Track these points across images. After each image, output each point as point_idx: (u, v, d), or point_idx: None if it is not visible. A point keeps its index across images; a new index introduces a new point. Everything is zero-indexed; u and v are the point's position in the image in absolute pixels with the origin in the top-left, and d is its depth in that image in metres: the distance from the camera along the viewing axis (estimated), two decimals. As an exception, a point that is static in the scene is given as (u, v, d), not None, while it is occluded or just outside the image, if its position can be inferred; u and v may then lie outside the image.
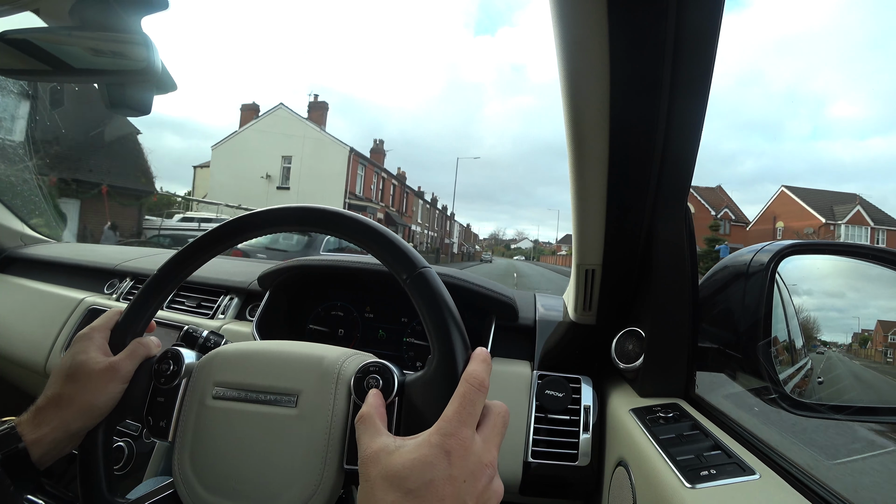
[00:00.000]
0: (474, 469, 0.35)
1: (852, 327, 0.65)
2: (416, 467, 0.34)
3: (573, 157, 0.59)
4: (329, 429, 0.43)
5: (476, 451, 0.36)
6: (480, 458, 0.36)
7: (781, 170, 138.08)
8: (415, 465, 0.34)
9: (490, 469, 0.37)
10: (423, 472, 0.34)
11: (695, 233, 0.67)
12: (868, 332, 0.64)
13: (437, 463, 0.34)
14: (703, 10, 0.44)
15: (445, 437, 0.36)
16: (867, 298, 0.68)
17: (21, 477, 0.44)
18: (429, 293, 0.43)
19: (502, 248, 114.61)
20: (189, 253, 0.53)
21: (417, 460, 0.35)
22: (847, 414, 0.60)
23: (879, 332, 0.63)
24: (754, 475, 0.48)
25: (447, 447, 0.35)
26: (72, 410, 0.46)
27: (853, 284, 0.70)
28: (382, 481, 0.35)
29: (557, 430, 0.77)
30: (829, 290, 0.70)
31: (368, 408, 0.41)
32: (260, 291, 1.03)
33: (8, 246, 1.49)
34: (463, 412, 0.37)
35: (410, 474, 0.34)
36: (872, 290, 0.68)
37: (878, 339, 0.62)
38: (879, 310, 0.65)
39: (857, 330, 0.64)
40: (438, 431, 0.36)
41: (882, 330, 0.62)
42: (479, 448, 0.37)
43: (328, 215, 0.49)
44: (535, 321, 0.92)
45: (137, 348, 0.51)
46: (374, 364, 0.46)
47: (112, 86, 0.50)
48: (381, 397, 0.42)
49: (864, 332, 0.64)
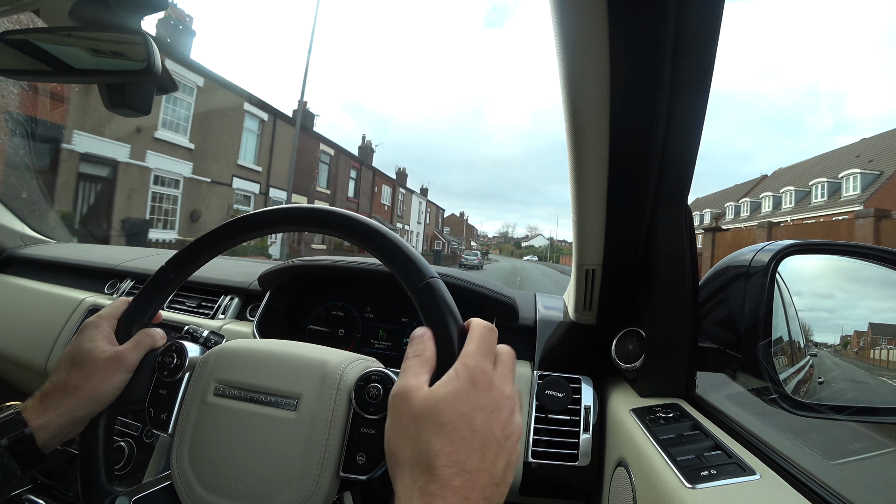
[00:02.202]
0: (498, 400, 0.38)
1: (842, 328, 0.65)
2: (448, 402, 0.36)
3: (573, 157, 0.59)
4: (327, 435, 0.43)
5: (497, 384, 0.38)
6: (502, 391, 0.38)
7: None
8: (446, 400, 0.36)
9: (511, 401, 0.39)
10: (456, 405, 0.36)
11: (695, 232, 0.67)
12: (858, 335, 0.64)
13: (467, 395, 0.36)
14: (703, 10, 0.44)
15: (471, 370, 0.38)
16: (857, 299, 0.68)
17: (26, 461, 0.45)
18: (434, 302, 0.43)
19: (511, 247, 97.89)
20: (196, 248, 0.53)
21: (448, 395, 0.36)
22: (847, 414, 0.60)
23: (868, 334, 0.63)
24: (754, 475, 0.48)
25: (473, 379, 0.37)
26: (77, 397, 0.47)
27: (842, 286, 0.70)
28: (415, 419, 0.36)
29: (557, 431, 0.77)
30: (819, 291, 0.70)
31: (424, 348, 0.41)
32: (260, 291, 1.03)
33: (8, 246, 1.49)
34: (482, 347, 0.39)
35: (443, 409, 0.35)
36: (861, 292, 0.69)
37: (867, 341, 0.63)
38: (869, 310, 0.65)
39: (849, 332, 0.64)
40: (464, 366, 0.38)
41: (871, 332, 0.63)
42: (499, 381, 0.39)
43: (337, 217, 0.49)
44: (536, 321, 0.92)
45: (143, 339, 0.51)
46: (377, 372, 0.46)
47: (112, 86, 0.50)
48: (433, 338, 0.42)
49: (859, 332, 0.64)
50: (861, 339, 0.63)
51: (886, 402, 0.66)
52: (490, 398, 0.37)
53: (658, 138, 0.55)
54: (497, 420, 0.37)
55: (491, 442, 0.35)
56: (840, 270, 0.70)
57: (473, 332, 0.41)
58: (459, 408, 0.36)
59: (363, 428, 0.44)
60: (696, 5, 0.43)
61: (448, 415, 0.35)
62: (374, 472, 0.43)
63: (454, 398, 0.36)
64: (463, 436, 0.35)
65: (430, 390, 0.37)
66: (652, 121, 0.53)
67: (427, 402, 0.36)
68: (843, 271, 0.70)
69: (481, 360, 0.39)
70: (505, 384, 0.39)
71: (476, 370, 0.38)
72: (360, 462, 0.43)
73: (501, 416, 0.37)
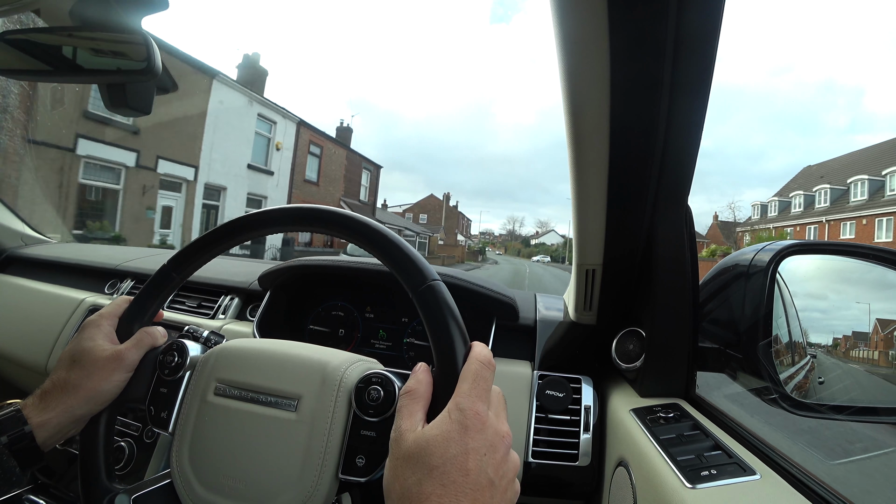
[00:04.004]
0: (492, 441, 0.37)
1: (836, 329, 0.65)
2: (438, 444, 0.35)
3: (573, 157, 0.59)
4: (327, 436, 0.43)
5: (491, 423, 0.38)
6: (497, 430, 0.38)
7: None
8: (437, 442, 0.36)
9: (507, 439, 0.38)
10: (446, 449, 0.35)
11: (695, 232, 0.67)
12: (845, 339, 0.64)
13: (457, 438, 0.36)
14: (703, 10, 0.44)
15: (462, 413, 0.37)
16: (850, 300, 0.69)
17: (26, 459, 0.45)
18: (436, 306, 0.42)
19: (518, 245, 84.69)
20: (198, 247, 0.53)
21: (438, 437, 0.36)
22: (847, 414, 0.60)
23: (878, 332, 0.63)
24: (755, 475, 0.48)
25: (465, 422, 0.37)
26: (77, 396, 0.47)
27: (835, 287, 0.70)
28: (407, 461, 0.36)
29: (558, 431, 0.77)
30: (812, 292, 0.70)
31: (417, 384, 0.41)
32: (260, 291, 1.03)
33: (8, 246, 1.49)
34: (476, 388, 0.39)
35: (434, 451, 0.35)
36: (854, 293, 0.69)
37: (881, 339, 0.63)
38: (862, 311, 0.65)
39: (844, 333, 0.65)
40: (456, 408, 0.38)
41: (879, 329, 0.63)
42: (494, 421, 0.38)
43: (337, 217, 0.49)
44: (536, 321, 0.92)
45: (144, 338, 0.51)
46: (377, 374, 0.46)
47: (112, 86, 0.50)
48: (429, 373, 0.42)
49: (854, 334, 0.64)
50: (847, 342, 0.63)
51: (886, 402, 0.66)
52: (483, 440, 0.36)
53: (658, 138, 0.55)
54: (491, 461, 0.36)
55: (484, 486, 0.35)
56: (833, 272, 0.70)
57: (469, 368, 0.40)
58: (451, 450, 0.35)
59: (363, 430, 0.44)
60: (696, 5, 0.43)
61: (439, 457, 0.35)
62: (373, 474, 0.43)
63: (445, 441, 0.35)
64: (454, 479, 0.34)
65: (421, 432, 0.37)
66: (652, 121, 0.53)
67: (418, 443, 0.36)
68: (836, 272, 0.70)
69: (475, 401, 0.38)
70: (500, 423, 0.39)
71: (469, 411, 0.37)
72: (359, 464, 0.43)
73: (496, 456, 0.37)
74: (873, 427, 1.26)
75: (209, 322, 1.06)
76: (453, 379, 0.40)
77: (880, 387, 0.63)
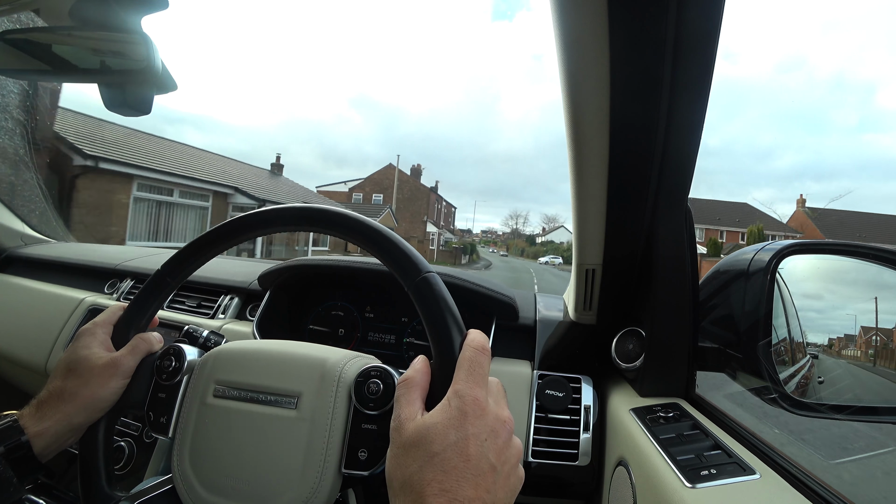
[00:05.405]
0: (493, 426, 0.37)
1: (833, 329, 0.65)
2: (438, 431, 0.36)
3: (573, 157, 0.59)
4: (328, 432, 0.43)
5: (491, 409, 0.38)
6: (498, 416, 0.38)
7: (824, 165, 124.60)
8: (437, 429, 0.36)
9: (508, 424, 0.38)
10: (446, 435, 0.35)
11: (695, 232, 0.67)
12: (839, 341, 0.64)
13: (457, 424, 0.36)
14: (703, 9, 0.44)
15: (461, 400, 0.37)
16: (845, 301, 0.69)
17: (23, 469, 0.45)
18: (431, 298, 0.43)
19: (522, 243, 75.70)
20: (192, 250, 0.53)
21: (438, 424, 0.36)
22: (847, 414, 0.60)
23: (861, 336, 0.63)
24: (755, 475, 0.48)
25: (464, 409, 0.37)
26: (74, 404, 0.47)
27: (830, 287, 0.70)
28: (407, 449, 0.36)
29: (558, 430, 0.77)
30: (808, 292, 0.71)
31: (414, 373, 0.41)
32: (260, 291, 1.03)
33: (8, 246, 1.49)
34: (473, 374, 0.39)
35: (434, 438, 0.35)
36: (849, 293, 0.69)
37: (859, 342, 0.63)
38: (857, 311, 0.65)
39: (835, 333, 0.65)
40: (455, 395, 0.38)
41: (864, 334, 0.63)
42: (494, 407, 0.38)
43: (330, 215, 0.49)
44: (536, 321, 0.92)
45: (139, 344, 0.51)
46: (376, 368, 0.46)
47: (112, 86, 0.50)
48: (427, 363, 0.42)
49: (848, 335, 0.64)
50: (840, 343, 0.63)
51: (886, 401, 0.66)
52: (483, 425, 0.36)
53: (658, 138, 0.55)
54: (493, 447, 0.36)
55: (486, 471, 0.35)
56: (830, 272, 0.70)
57: (464, 356, 0.40)
58: (451, 437, 0.35)
59: (364, 424, 0.44)
60: (696, 5, 0.43)
61: (439, 444, 0.35)
62: (376, 467, 0.43)
63: (444, 427, 0.36)
64: (455, 465, 0.34)
65: (421, 420, 0.37)
66: (652, 120, 0.53)
67: (418, 431, 0.36)
68: (832, 272, 0.70)
69: (473, 387, 0.38)
70: (501, 408, 0.39)
71: (468, 398, 0.37)
72: (361, 458, 0.43)
73: (498, 441, 0.37)
74: (873, 427, 1.26)
75: (209, 322, 1.06)
76: (450, 367, 0.40)
77: (881, 386, 0.63)
